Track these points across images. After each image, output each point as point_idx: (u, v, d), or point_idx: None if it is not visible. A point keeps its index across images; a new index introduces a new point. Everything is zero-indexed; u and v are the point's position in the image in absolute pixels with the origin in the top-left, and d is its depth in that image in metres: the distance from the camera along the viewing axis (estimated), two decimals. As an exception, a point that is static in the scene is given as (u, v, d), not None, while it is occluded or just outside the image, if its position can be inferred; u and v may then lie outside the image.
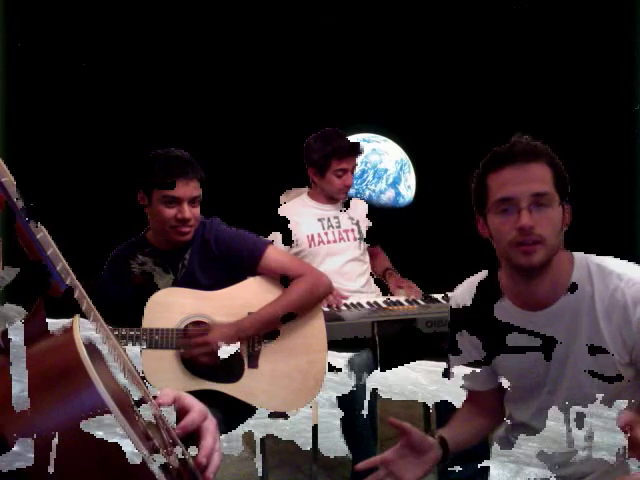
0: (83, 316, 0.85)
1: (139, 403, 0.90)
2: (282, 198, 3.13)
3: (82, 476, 0.72)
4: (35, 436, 0.71)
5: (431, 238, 5.37)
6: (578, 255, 1.60)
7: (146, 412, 0.89)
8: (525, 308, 1.61)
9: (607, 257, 1.62)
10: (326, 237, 2.99)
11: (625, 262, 1.60)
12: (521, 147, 1.57)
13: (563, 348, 1.57)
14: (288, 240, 2.94)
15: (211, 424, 0.95)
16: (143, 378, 1.98)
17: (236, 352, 2.22)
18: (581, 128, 5.12)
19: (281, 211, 3.01)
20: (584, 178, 5.07)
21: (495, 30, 5.19)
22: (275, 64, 5.57)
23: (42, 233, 0.78)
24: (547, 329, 1.58)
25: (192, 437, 0.93)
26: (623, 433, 1.43)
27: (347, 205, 3.09)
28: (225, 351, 2.17)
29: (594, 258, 1.60)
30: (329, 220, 3.03)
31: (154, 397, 0.94)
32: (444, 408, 2.41)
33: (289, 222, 2.96)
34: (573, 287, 1.56)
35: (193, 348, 2.16)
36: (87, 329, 0.84)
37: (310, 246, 2.96)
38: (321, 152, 2.94)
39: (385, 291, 3.07)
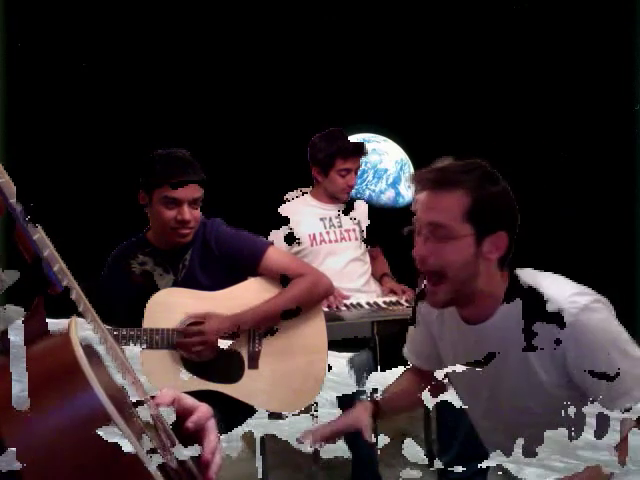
0: (81, 317, 0.85)
1: (137, 404, 0.90)
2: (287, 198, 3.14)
3: (80, 477, 0.72)
4: (32, 437, 0.71)
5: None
6: (515, 273, 1.57)
7: (144, 412, 0.89)
8: (463, 321, 1.61)
9: (543, 276, 1.57)
10: (327, 236, 3.00)
11: (560, 280, 1.57)
12: (432, 174, 1.54)
13: (498, 361, 1.57)
14: (291, 239, 2.94)
15: (212, 423, 0.95)
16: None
17: (236, 352, 2.22)
18: (581, 128, 5.11)
19: (282, 210, 3.01)
20: (584, 178, 5.07)
21: (495, 30, 5.19)
22: (275, 64, 5.57)
23: (39, 234, 0.78)
24: (482, 342, 1.58)
25: (191, 437, 0.93)
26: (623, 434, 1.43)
27: (350, 207, 3.09)
28: (224, 344, 2.17)
29: (529, 278, 1.56)
30: (331, 220, 3.04)
31: (152, 397, 0.94)
32: (443, 408, 2.41)
33: (290, 221, 2.96)
34: (508, 298, 1.54)
35: (188, 338, 2.15)
36: (85, 330, 0.84)
37: (312, 245, 2.97)
38: (326, 151, 2.96)
39: (386, 292, 3.07)
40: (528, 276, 1.57)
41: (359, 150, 3.00)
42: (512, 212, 1.54)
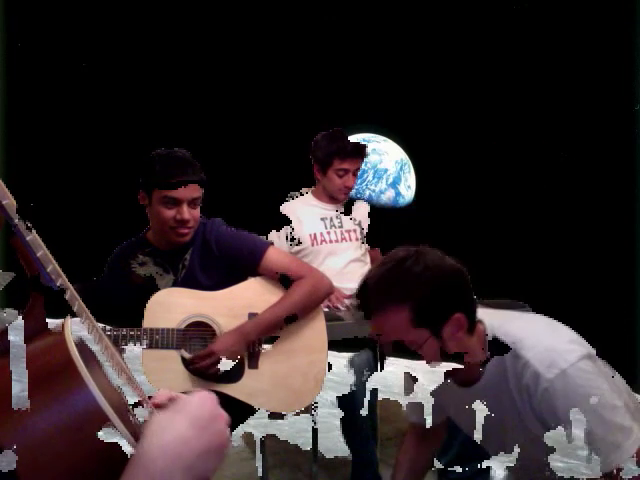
0: (75, 317, 0.85)
1: (135, 405, 0.90)
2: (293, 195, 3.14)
3: (77, 476, 0.72)
4: (29, 437, 0.70)
5: (431, 238, 5.37)
6: (490, 337, 1.55)
7: (142, 413, 0.89)
8: (456, 384, 1.62)
9: (523, 331, 1.54)
10: (328, 236, 3.00)
11: (542, 336, 1.54)
12: (361, 304, 1.55)
13: (498, 418, 1.56)
14: (291, 239, 2.94)
15: None
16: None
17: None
18: (581, 128, 5.11)
19: (283, 209, 3.01)
20: (584, 178, 5.07)
21: (495, 30, 5.19)
22: (275, 64, 5.57)
23: (32, 235, 0.79)
24: (478, 402, 1.57)
25: None
26: None
27: (350, 208, 3.10)
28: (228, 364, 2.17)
29: (509, 335, 1.53)
30: (332, 220, 3.04)
31: (149, 397, 0.94)
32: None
33: (291, 221, 2.97)
34: (490, 361, 1.54)
35: (200, 360, 2.16)
36: (81, 330, 0.84)
37: (312, 245, 2.97)
38: (325, 150, 2.97)
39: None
40: (507, 333, 1.54)
41: (358, 151, 2.99)
42: (452, 287, 1.50)
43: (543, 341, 1.51)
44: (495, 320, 1.58)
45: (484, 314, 1.58)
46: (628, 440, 1.42)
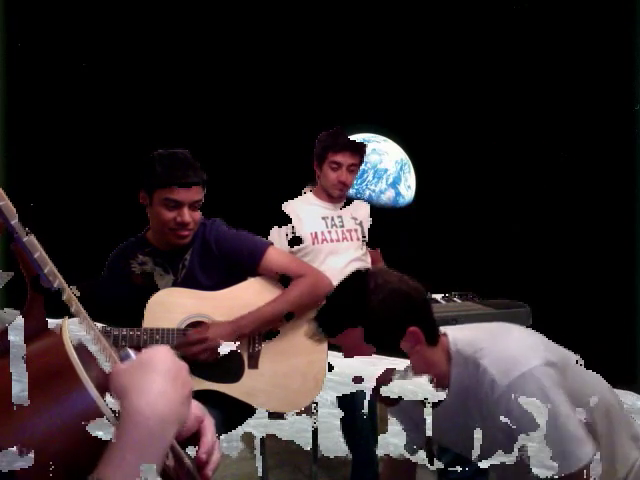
0: (73, 317, 0.85)
1: None
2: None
3: (76, 476, 0.72)
4: (27, 438, 0.70)
5: (431, 238, 5.39)
6: (454, 349, 1.57)
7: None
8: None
9: (484, 340, 1.56)
10: (329, 236, 3.00)
11: (501, 345, 1.55)
12: (320, 324, 1.59)
13: (469, 426, 1.57)
14: (294, 240, 2.95)
15: (210, 422, 0.95)
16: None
17: (236, 352, 2.22)
18: (581, 128, 5.11)
19: (284, 208, 3.01)
20: (584, 178, 5.07)
21: (495, 30, 5.19)
22: (275, 64, 5.57)
23: (29, 237, 0.79)
24: (448, 408, 1.59)
25: (188, 437, 0.93)
26: None
27: (348, 205, 3.10)
28: (224, 350, 2.16)
29: (471, 345, 1.55)
30: (333, 219, 3.04)
31: None
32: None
33: (291, 219, 2.97)
34: (453, 373, 1.56)
35: (191, 345, 2.15)
36: (78, 330, 0.84)
37: (313, 244, 2.96)
38: (321, 144, 2.98)
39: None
40: (469, 344, 1.56)
41: (353, 146, 2.99)
42: (405, 301, 1.52)
43: (502, 348, 1.53)
44: (458, 332, 1.61)
45: (448, 329, 1.61)
46: (580, 450, 1.43)
